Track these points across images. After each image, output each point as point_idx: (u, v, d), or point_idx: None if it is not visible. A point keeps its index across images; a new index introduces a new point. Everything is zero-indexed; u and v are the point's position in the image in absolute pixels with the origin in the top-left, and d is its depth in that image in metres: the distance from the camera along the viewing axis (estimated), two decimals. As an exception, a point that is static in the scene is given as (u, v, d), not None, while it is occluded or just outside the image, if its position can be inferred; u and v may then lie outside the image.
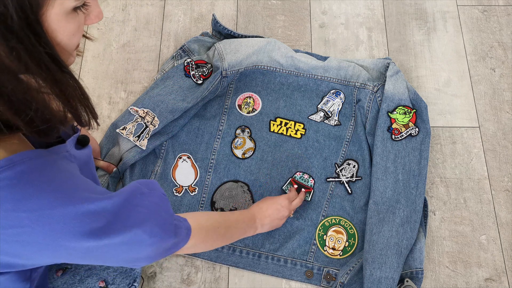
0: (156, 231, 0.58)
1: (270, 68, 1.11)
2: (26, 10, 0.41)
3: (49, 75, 0.46)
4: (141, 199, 0.59)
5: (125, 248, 0.55)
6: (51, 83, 0.47)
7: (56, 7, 0.44)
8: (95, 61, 1.17)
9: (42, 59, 0.44)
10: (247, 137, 1.07)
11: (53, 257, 0.53)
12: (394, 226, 0.94)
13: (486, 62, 1.18)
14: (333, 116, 1.09)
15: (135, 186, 0.61)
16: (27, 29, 0.42)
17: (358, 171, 1.04)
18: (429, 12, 1.24)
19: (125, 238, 0.54)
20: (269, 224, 0.91)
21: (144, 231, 0.56)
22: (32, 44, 0.43)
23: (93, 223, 0.51)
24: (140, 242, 0.56)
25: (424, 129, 1.04)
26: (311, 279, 0.95)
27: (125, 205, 0.56)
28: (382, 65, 1.11)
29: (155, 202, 0.61)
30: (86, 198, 0.51)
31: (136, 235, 0.55)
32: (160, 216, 0.60)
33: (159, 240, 0.59)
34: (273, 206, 0.91)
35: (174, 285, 0.95)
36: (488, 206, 1.03)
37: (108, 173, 0.99)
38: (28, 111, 0.46)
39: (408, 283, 0.91)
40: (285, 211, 0.92)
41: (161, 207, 0.62)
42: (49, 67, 0.45)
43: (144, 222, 0.57)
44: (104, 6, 1.23)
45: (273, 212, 0.91)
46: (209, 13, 1.23)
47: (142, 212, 0.57)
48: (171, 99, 1.03)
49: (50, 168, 0.51)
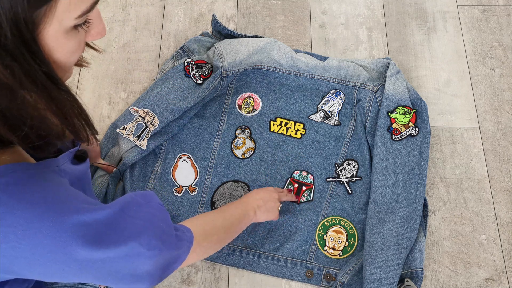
0: (154, 244, 0.55)
1: (270, 68, 1.11)
2: (21, 28, 0.39)
3: (45, 92, 0.44)
4: (137, 210, 0.56)
5: (122, 263, 0.52)
6: (47, 100, 0.45)
7: (54, 25, 0.42)
8: (95, 61, 1.17)
9: (38, 77, 0.43)
10: (247, 137, 1.07)
11: (44, 274, 0.50)
12: (394, 226, 0.94)
13: (486, 62, 1.18)
14: (333, 116, 1.09)
15: (131, 197, 0.58)
16: (22, 48, 0.40)
17: (358, 171, 1.04)
18: (429, 12, 1.24)
19: (121, 252, 0.51)
20: (264, 206, 0.89)
21: (141, 244, 0.53)
22: (28, 62, 0.41)
23: (85, 235, 0.48)
24: (137, 256, 0.53)
25: (424, 129, 1.04)
26: (311, 279, 0.95)
27: (120, 216, 0.53)
28: (382, 65, 1.11)
29: (152, 213, 0.58)
30: (77, 209, 0.48)
31: (132, 249, 0.52)
32: (158, 227, 0.57)
33: (158, 253, 0.55)
34: (262, 190, 0.92)
35: (174, 285, 0.95)
36: (488, 206, 1.03)
37: (108, 173, 0.99)
38: (23, 127, 0.45)
39: (408, 283, 0.91)
40: (274, 194, 0.92)
41: (159, 218, 0.59)
42: (45, 85, 0.43)
43: (141, 234, 0.53)
44: (104, 6, 1.23)
45: (264, 195, 0.90)
46: (209, 13, 1.23)
47: (138, 224, 0.54)
48: (171, 99, 1.03)
49: (36, 181, 0.48)
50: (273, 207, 0.91)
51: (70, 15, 0.43)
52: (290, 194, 0.99)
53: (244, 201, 0.88)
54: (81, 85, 1.14)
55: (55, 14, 0.41)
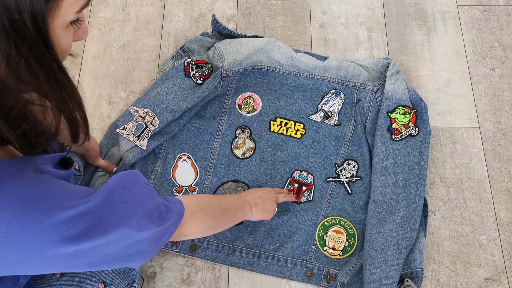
0: (143, 224, 0.55)
1: (270, 68, 1.11)
2: (37, 20, 0.42)
3: (57, 83, 0.46)
4: (123, 194, 0.56)
5: (113, 247, 0.53)
6: (57, 93, 0.47)
7: (59, 20, 0.45)
8: (95, 61, 1.17)
9: (52, 66, 0.45)
10: (247, 137, 1.07)
11: (33, 270, 0.50)
12: (394, 226, 0.94)
13: (486, 62, 1.18)
14: (333, 116, 1.09)
15: (116, 181, 0.58)
16: (38, 37, 0.43)
17: (358, 171, 1.04)
18: (429, 12, 1.24)
19: (111, 238, 0.52)
20: (261, 205, 0.89)
21: (131, 227, 0.54)
22: (42, 51, 0.44)
23: (71, 229, 0.48)
24: (128, 238, 0.54)
25: (424, 129, 1.04)
26: (311, 279, 0.95)
27: (106, 203, 0.53)
28: (382, 65, 1.11)
29: (138, 195, 0.58)
30: (60, 205, 0.49)
31: (122, 233, 0.53)
32: (146, 208, 0.57)
33: (148, 233, 0.56)
34: (260, 190, 0.93)
35: (174, 285, 0.95)
36: (488, 206, 1.03)
37: (108, 173, 1.00)
38: (24, 124, 0.46)
39: (408, 283, 0.91)
40: (272, 195, 0.92)
41: (146, 198, 0.59)
42: (56, 76, 0.46)
43: (130, 218, 0.54)
44: (104, 6, 1.23)
45: (261, 194, 0.91)
46: (209, 13, 1.23)
47: (125, 207, 0.55)
48: (171, 99, 1.03)
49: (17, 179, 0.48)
50: (270, 208, 0.91)
51: (71, 10, 0.46)
52: (290, 195, 0.99)
53: (242, 196, 0.88)
54: (81, 85, 1.14)
55: (61, 9, 0.45)
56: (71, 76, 0.50)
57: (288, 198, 0.98)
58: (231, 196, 0.88)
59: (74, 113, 0.51)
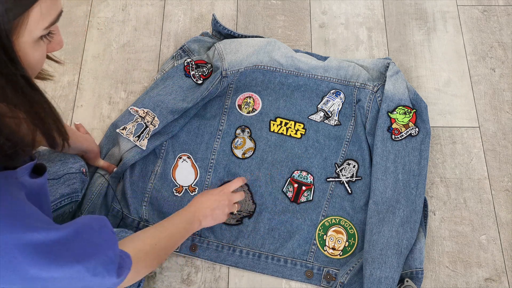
0: (99, 271, 0.56)
1: (270, 68, 1.11)
2: (1, 36, 0.42)
3: (25, 98, 0.46)
4: (91, 234, 0.57)
5: (65, 285, 0.52)
6: (27, 106, 0.47)
7: (25, 36, 0.45)
8: (95, 61, 1.17)
9: (19, 83, 0.45)
10: (247, 137, 1.07)
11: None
12: (394, 226, 0.94)
13: (486, 62, 1.18)
14: (333, 116, 1.09)
15: (85, 222, 0.58)
16: (3, 55, 0.42)
17: (358, 171, 1.04)
18: (429, 12, 1.24)
19: (67, 273, 0.51)
20: (211, 216, 0.89)
21: (87, 268, 0.54)
22: (8, 68, 0.43)
23: (37, 254, 0.48)
24: (81, 280, 0.54)
25: (424, 129, 1.04)
26: (311, 279, 0.95)
27: (74, 237, 0.53)
28: (382, 65, 1.11)
29: (104, 240, 0.59)
30: (32, 227, 0.48)
31: (78, 272, 0.53)
32: (106, 255, 0.58)
33: (100, 280, 0.56)
34: (211, 197, 0.92)
35: (174, 285, 0.95)
36: (488, 206, 1.03)
37: (108, 173, 1.00)
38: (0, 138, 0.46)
39: (408, 283, 0.91)
40: (224, 201, 0.92)
41: (110, 246, 0.60)
42: (24, 90, 0.45)
43: (89, 259, 0.54)
44: (104, 6, 1.23)
45: (212, 203, 0.90)
46: (209, 13, 1.23)
47: (88, 248, 0.55)
48: (171, 99, 1.03)
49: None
50: (220, 214, 0.91)
51: (39, 26, 0.45)
52: (239, 193, 0.97)
53: (191, 211, 0.88)
54: (81, 85, 1.14)
55: (27, 25, 0.44)
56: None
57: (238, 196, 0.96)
58: (178, 220, 0.85)
59: (48, 125, 0.51)
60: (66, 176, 0.86)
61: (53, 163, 0.87)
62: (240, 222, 0.99)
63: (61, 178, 0.86)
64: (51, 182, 0.84)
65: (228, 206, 0.93)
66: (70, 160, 0.89)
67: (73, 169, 0.88)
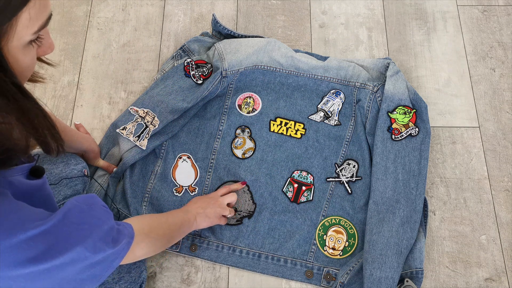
0: (99, 246, 0.56)
1: (270, 68, 1.11)
2: None
3: (16, 105, 0.45)
4: (80, 216, 0.57)
5: (69, 268, 0.53)
6: (18, 114, 0.46)
7: (14, 41, 0.44)
8: (95, 61, 1.17)
9: (9, 90, 0.44)
10: (247, 137, 1.07)
11: None
12: (394, 226, 0.94)
13: (486, 62, 1.18)
14: (333, 116, 1.09)
15: (73, 204, 0.58)
16: None
17: (358, 171, 1.04)
18: (429, 12, 1.24)
19: (68, 258, 0.52)
20: (204, 213, 0.91)
21: (86, 248, 0.54)
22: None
23: (29, 251, 0.48)
24: (84, 260, 0.54)
25: (424, 129, 1.04)
26: (311, 279, 0.95)
27: (63, 224, 0.53)
28: (382, 65, 1.11)
29: (95, 216, 0.59)
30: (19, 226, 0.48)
31: (78, 253, 0.53)
32: (102, 230, 0.58)
33: (103, 255, 0.57)
34: (201, 199, 0.95)
35: (174, 285, 0.95)
36: (488, 206, 1.03)
37: (108, 173, 1.00)
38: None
39: (408, 283, 0.91)
40: (214, 202, 0.94)
41: (103, 220, 0.59)
42: (15, 97, 0.45)
43: (86, 239, 0.54)
44: (104, 6, 1.23)
45: (202, 203, 0.93)
46: (209, 13, 1.23)
47: (83, 229, 0.55)
48: (171, 99, 1.03)
49: None
50: (212, 212, 0.93)
51: (28, 31, 0.45)
52: (236, 185, 1.00)
53: (184, 210, 0.91)
54: (81, 85, 1.14)
55: (16, 31, 0.43)
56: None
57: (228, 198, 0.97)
58: (176, 212, 0.91)
59: (41, 132, 0.50)
60: (66, 180, 0.87)
61: (55, 165, 0.87)
62: (240, 222, 0.99)
63: (62, 181, 0.87)
64: (53, 185, 0.84)
65: (220, 207, 0.94)
66: (72, 161, 0.90)
67: (75, 171, 0.90)
